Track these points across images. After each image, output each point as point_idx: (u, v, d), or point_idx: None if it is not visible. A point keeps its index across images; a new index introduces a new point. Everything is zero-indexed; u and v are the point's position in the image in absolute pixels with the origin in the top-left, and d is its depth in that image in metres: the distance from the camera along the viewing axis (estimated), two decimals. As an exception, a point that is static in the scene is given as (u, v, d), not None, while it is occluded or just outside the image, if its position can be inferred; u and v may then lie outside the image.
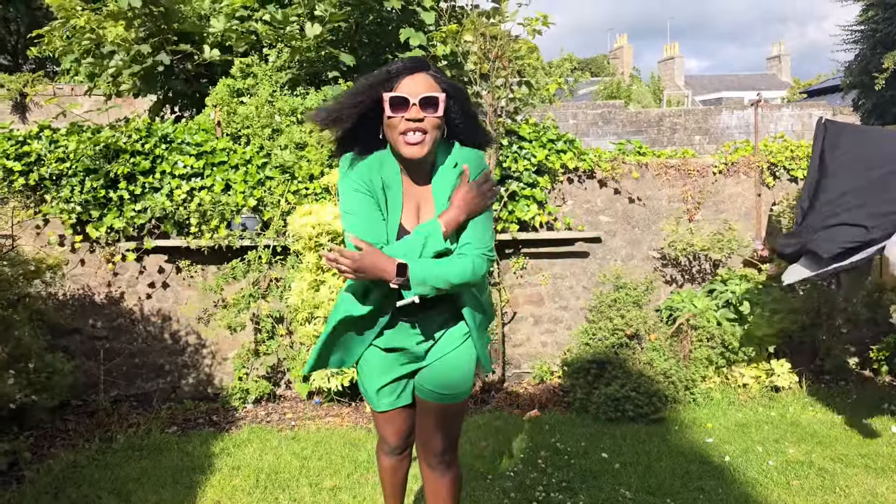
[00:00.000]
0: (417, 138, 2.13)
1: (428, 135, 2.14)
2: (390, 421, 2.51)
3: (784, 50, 42.03)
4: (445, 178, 2.25)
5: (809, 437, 4.29)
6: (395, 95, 2.11)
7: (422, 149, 2.14)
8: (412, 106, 2.10)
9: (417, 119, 2.11)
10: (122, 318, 5.23)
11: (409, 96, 2.10)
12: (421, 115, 2.11)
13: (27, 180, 4.96)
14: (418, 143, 2.13)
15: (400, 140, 2.14)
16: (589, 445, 4.18)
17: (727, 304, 5.14)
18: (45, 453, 4.16)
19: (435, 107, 2.12)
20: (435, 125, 2.14)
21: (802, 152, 5.72)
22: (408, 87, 2.12)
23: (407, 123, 2.11)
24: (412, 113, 2.10)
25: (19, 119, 11.08)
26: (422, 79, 2.14)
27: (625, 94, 25.72)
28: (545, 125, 5.63)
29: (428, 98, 2.11)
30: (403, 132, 2.13)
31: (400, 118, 2.12)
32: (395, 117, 2.12)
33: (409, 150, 2.14)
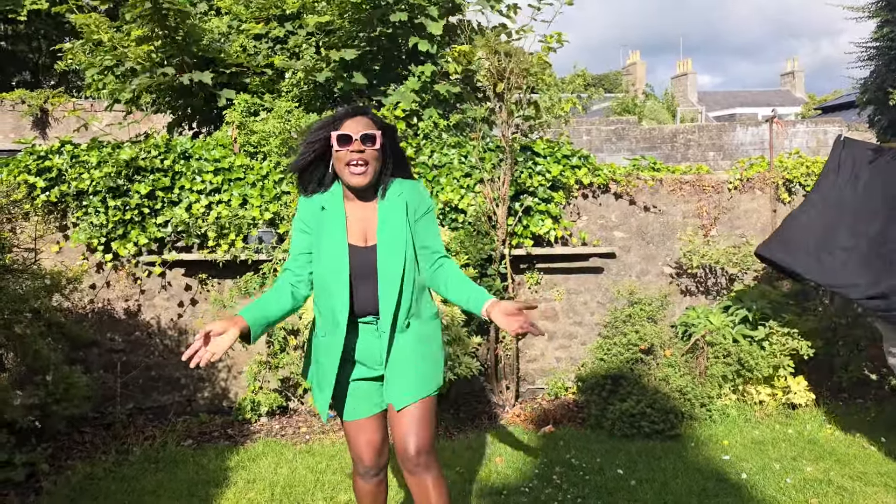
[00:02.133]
0: (360, 169, 2.53)
1: (369, 165, 2.54)
2: (363, 430, 2.68)
3: (798, 66, 41.90)
4: (391, 203, 2.61)
5: (827, 455, 4.25)
6: (341, 133, 2.52)
7: (364, 177, 2.54)
8: (354, 141, 2.50)
9: (359, 150, 2.50)
10: (139, 332, 5.28)
11: (352, 133, 2.51)
12: (362, 147, 2.50)
13: (49, 196, 5.03)
14: (361, 173, 2.53)
15: (346, 170, 2.54)
16: (604, 461, 4.17)
17: (744, 321, 5.12)
18: (62, 465, 4.19)
19: (373, 141, 2.53)
20: (374, 156, 2.55)
21: (818, 168, 5.71)
22: (350, 126, 2.53)
23: (351, 155, 2.51)
24: (355, 146, 2.50)
25: (40, 135, 11.24)
26: (362, 120, 2.55)
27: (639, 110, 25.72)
28: (559, 141, 5.65)
29: (367, 135, 2.52)
30: (348, 163, 2.52)
31: (346, 151, 2.52)
32: (341, 150, 2.52)
33: (354, 178, 2.53)
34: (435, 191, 5.28)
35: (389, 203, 2.63)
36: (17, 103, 11.32)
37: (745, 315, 5.10)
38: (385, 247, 2.57)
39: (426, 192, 2.73)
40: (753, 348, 4.95)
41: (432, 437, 2.62)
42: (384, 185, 2.65)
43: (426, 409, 2.60)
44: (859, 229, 4.20)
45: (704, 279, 5.72)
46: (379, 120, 2.62)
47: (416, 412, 2.58)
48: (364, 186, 2.56)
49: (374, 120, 2.59)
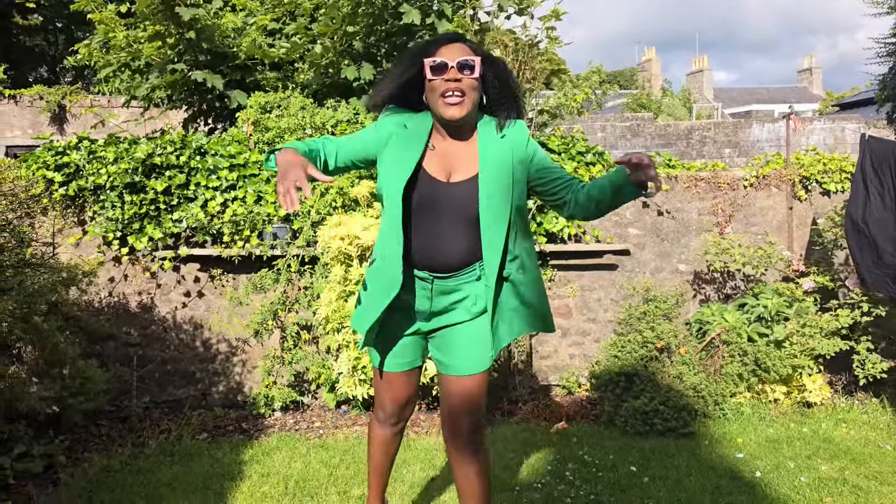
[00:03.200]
0: (456, 99, 2.28)
1: (466, 96, 2.29)
2: (390, 384, 2.59)
3: (815, 62, 41.54)
4: (491, 141, 2.38)
5: (843, 454, 4.22)
6: (435, 60, 2.29)
7: (461, 109, 2.29)
8: (450, 68, 2.27)
9: (455, 79, 2.27)
10: (154, 326, 5.33)
11: (447, 60, 2.28)
12: (459, 76, 2.27)
13: (67, 191, 5.08)
14: (458, 104, 2.29)
15: (440, 102, 2.30)
16: (617, 458, 4.16)
17: (759, 319, 5.09)
18: (79, 457, 4.24)
19: (471, 69, 2.28)
20: (472, 86, 2.30)
21: (835, 165, 5.66)
22: (446, 53, 2.30)
23: (446, 84, 2.28)
24: (451, 74, 2.27)
25: (58, 130, 11.35)
26: (458, 47, 2.32)
27: (655, 105, 25.59)
28: (574, 137, 5.64)
29: (464, 62, 2.27)
30: (443, 93, 2.29)
31: (440, 80, 2.29)
32: (435, 80, 2.29)
33: (449, 110, 2.29)
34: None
35: (490, 140, 2.39)
36: (35, 99, 11.44)
37: (760, 313, 5.07)
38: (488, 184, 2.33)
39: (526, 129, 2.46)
40: (771, 349, 4.91)
41: (482, 417, 2.48)
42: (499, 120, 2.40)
43: (477, 384, 2.44)
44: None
45: (721, 280, 5.69)
46: (477, 47, 2.39)
47: (464, 385, 2.43)
48: (460, 120, 2.33)
49: (471, 46, 2.36)
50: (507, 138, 2.39)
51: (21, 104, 11.48)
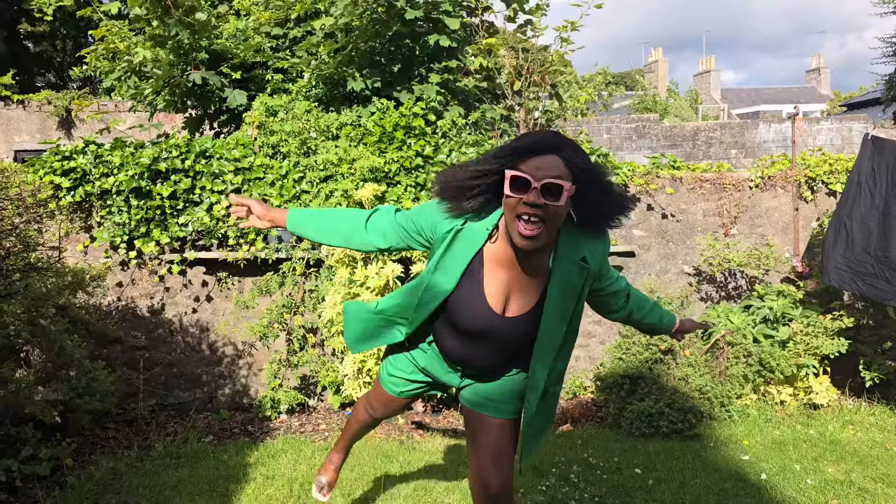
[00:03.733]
0: (532, 230, 1.94)
1: (546, 225, 1.95)
2: (388, 400, 2.63)
3: (823, 62, 41.37)
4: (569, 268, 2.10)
5: (849, 456, 4.20)
6: (517, 175, 1.92)
7: (536, 242, 1.97)
8: (532, 189, 1.91)
9: (536, 205, 1.91)
10: (161, 329, 5.35)
11: (531, 179, 1.91)
12: (541, 201, 1.91)
13: (74, 197, 5.11)
14: (532, 235, 1.95)
15: (514, 224, 1.96)
16: (622, 461, 4.15)
17: (764, 321, 5.07)
18: (86, 460, 4.26)
19: (557, 196, 1.91)
20: (555, 214, 1.94)
21: (841, 166, 5.64)
22: (533, 167, 1.92)
23: (525, 207, 1.93)
24: (532, 197, 1.91)
25: (65, 135, 11.42)
26: (551, 162, 1.92)
27: (661, 107, 25.55)
28: (578, 139, 5.64)
29: (551, 185, 1.90)
30: (519, 216, 1.95)
31: (518, 200, 1.93)
32: (513, 198, 1.94)
33: (522, 241, 1.96)
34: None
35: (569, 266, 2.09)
36: (42, 104, 11.51)
37: (766, 314, 5.06)
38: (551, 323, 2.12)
39: (609, 245, 2.22)
40: (775, 349, 4.90)
41: (511, 474, 2.32)
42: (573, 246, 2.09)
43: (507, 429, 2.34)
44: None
45: (725, 282, 5.67)
46: (577, 161, 1.94)
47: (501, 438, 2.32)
48: (532, 250, 2.01)
49: (568, 161, 1.93)
50: (585, 261, 2.10)
51: (29, 109, 11.56)
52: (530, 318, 2.14)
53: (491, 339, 2.18)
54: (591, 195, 1.99)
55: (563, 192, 1.90)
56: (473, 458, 2.36)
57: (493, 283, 2.12)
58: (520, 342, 2.19)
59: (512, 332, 2.15)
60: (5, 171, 4.17)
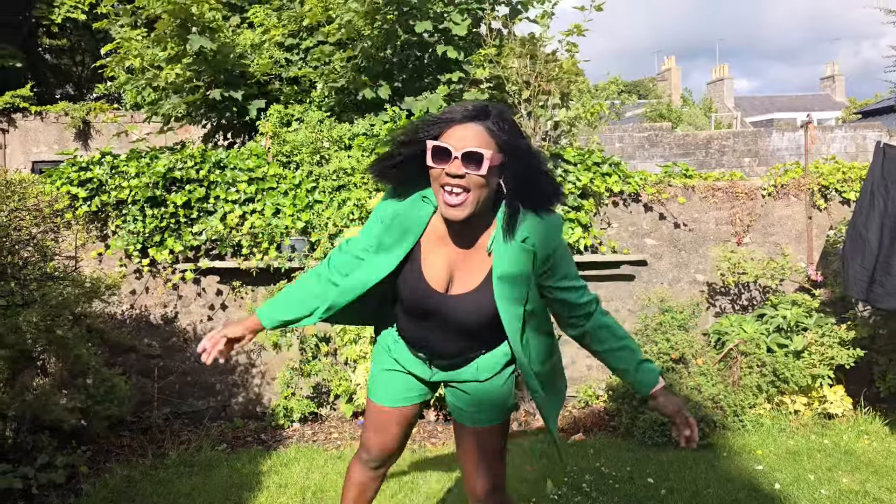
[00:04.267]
0: (457, 199, 1.91)
1: (470, 194, 1.91)
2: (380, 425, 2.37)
3: (838, 70, 41.13)
4: (512, 249, 2.01)
5: (864, 466, 4.17)
6: (438, 145, 1.90)
7: (461, 211, 1.92)
8: (454, 159, 1.88)
9: (457, 175, 1.89)
10: (175, 338, 5.40)
11: (452, 148, 1.89)
12: (462, 170, 1.88)
13: (90, 206, 5.17)
14: (458, 205, 1.92)
15: (439, 195, 1.95)
16: (634, 470, 4.14)
17: (778, 330, 5.05)
18: (101, 468, 4.30)
19: (478, 164, 1.87)
20: (478, 184, 1.90)
21: (855, 174, 5.62)
22: (455, 137, 1.90)
23: (447, 178, 1.90)
24: (453, 167, 1.89)
25: (82, 146, 11.57)
26: (473, 131, 1.90)
27: (675, 115, 25.49)
28: (590, 148, 5.65)
29: (471, 153, 1.87)
30: (443, 186, 1.93)
31: (440, 170, 1.91)
32: (435, 168, 1.92)
33: (448, 211, 1.93)
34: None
35: (507, 251, 2.01)
36: (60, 115, 11.66)
37: (779, 324, 5.03)
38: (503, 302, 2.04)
39: (561, 235, 2.09)
40: (789, 359, 4.87)
41: (502, 473, 2.31)
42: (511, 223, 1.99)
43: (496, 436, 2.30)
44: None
45: (738, 291, 5.65)
46: (501, 130, 1.93)
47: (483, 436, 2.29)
48: (459, 221, 1.96)
49: (491, 131, 1.91)
50: (529, 240, 2.00)
51: (47, 120, 11.72)
52: (476, 298, 2.07)
53: (439, 319, 2.11)
54: (520, 168, 1.96)
55: (483, 161, 1.86)
56: (461, 463, 2.37)
57: (434, 261, 2.08)
58: (474, 323, 2.10)
59: (460, 310, 2.08)
60: (24, 182, 4.24)
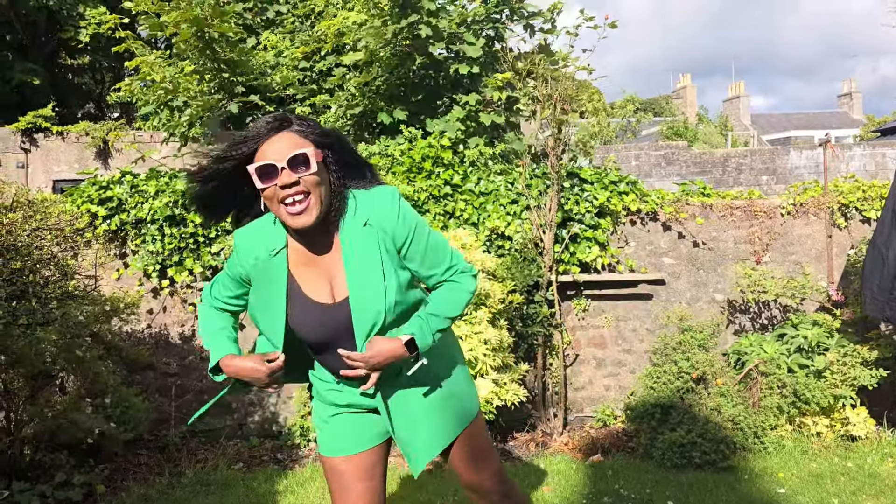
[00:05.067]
0: (300, 206, 1.89)
1: (311, 196, 1.90)
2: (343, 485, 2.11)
3: (855, 87, 40.97)
4: (355, 238, 2.00)
5: (889, 490, 4.09)
6: (261, 165, 1.89)
7: (308, 215, 1.90)
8: (282, 170, 1.88)
9: (292, 183, 1.88)
10: (192, 356, 5.41)
11: (275, 161, 1.88)
12: (293, 177, 1.87)
13: (109, 225, 5.23)
14: (303, 211, 1.90)
15: (283, 211, 1.91)
16: (654, 492, 4.09)
17: (799, 350, 4.98)
18: (118, 486, 4.31)
19: (307, 164, 1.88)
20: (315, 182, 1.90)
21: (875, 192, 5.56)
22: (271, 151, 1.89)
23: (283, 192, 1.88)
24: (283, 178, 1.87)
25: (102, 165, 11.70)
26: (284, 138, 1.92)
27: (690, 133, 25.45)
28: (606, 167, 5.64)
29: (296, 157, 1.88)
30: (282, 201, 1.90)
31: (274, 187, 1.89)
32: (267, 187, 1.90)
33: (295, 220, 1.90)
34: (482, 217, 5.31)
35: (354, 239, 1.99)
36: (81, 135, 11.83)
37: (800, 343, 4.97)
38: (358, 298, 1.98)
39: (399, 204, 2.03)
40: (810, 380, 4.80)
41: (498, 463, 2.25)
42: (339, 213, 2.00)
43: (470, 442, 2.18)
44: None
45: (758, 311, 5.60)
46: (308, 128, 1.97)
47: (462, 451, 2.17)
48: (312, 226, 1.93)
49: (301, 131, 1.95)
50: (370, 223, 1.99)
51: (68, 140, 11.89)
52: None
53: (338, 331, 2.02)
54: (336, 156, 2.00)
55: (309, 159, 1.88)
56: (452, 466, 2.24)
57: (309, 278, 2.03)
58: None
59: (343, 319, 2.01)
60: (45, 202, 4.29)
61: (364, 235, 1.99)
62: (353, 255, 1.99)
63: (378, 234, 1.99)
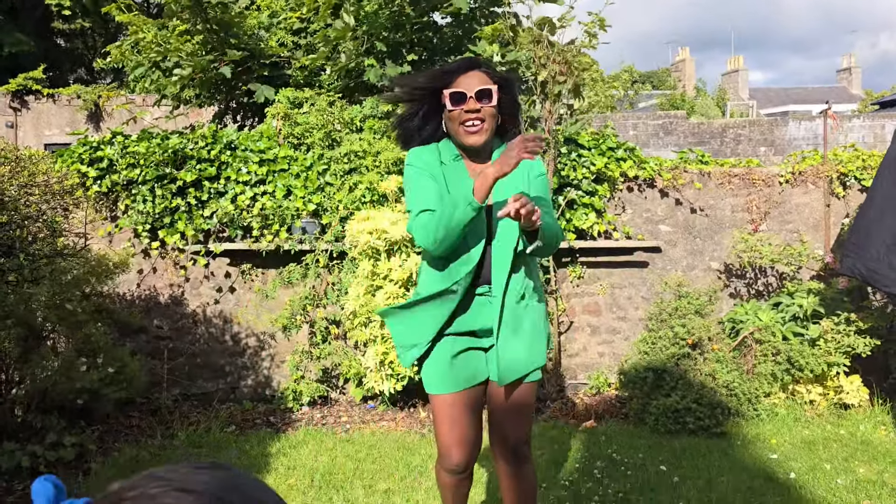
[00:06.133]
0: (477, 127, 2.35)
1: (486, 122, 2.36)
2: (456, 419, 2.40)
3: (854, 62, 40.65)
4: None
5: (882, 457, 4.10)
6: (455, 91, 2.35)
7: (481, 136, 2.37)
8: (469, 99, 2.33)
9: (475, 110, 2.33)
10: (185, 320, 5.38)
11: (466, 91, 2.33)
12: (478, 105, 2.33)
13: (100, 186, 5.15)
14: (478, 131, 2.36)
15: (461, 130, 2.37)
16: (646, 457, 4.09)
17: (794, 318, 4.97)
18: (109, 447, 4.30)
19: (490, 97, 2.35)
20: (491, 114, 2.37)
21: (875, 162, 5.51)
22: (464, 83, 2.35)
23: (466, 115, 2.34)
24: (470, 105, 2.33)
25: (94, 128, 11.57)
26: (476, 75, 2.37)
27: (688, 105, 25.27)
28: (604, 133, 5.57)
29: (483, 91, 2.33)
30: (463, 122, 2.35)
31: (460, 111, 2.35)
32: (455, 110, 2.35)
33: (470, 138, 2.36)
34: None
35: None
36: (72, 98, 11.67)
37: (795, 312, 4.95)
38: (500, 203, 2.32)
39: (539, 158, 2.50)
40: (804, 347, 4.80)
41: (531, 426, 2.50)
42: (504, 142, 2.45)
43: (528, 395, 2.45)
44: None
45: (754, 278, 5.57)
46: (494, 72, 2.43)
47: (518, 397, 2.42)
48: (481, 146, 2.39)
49: (489, 73, 2.39)
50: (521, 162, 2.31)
51: (59, 103, 11.74)
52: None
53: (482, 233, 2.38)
54: (509, 93, 2.45)
55: (493, 95, 2.34)
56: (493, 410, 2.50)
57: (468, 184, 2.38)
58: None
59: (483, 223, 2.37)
60: (33, 158, 4.21)
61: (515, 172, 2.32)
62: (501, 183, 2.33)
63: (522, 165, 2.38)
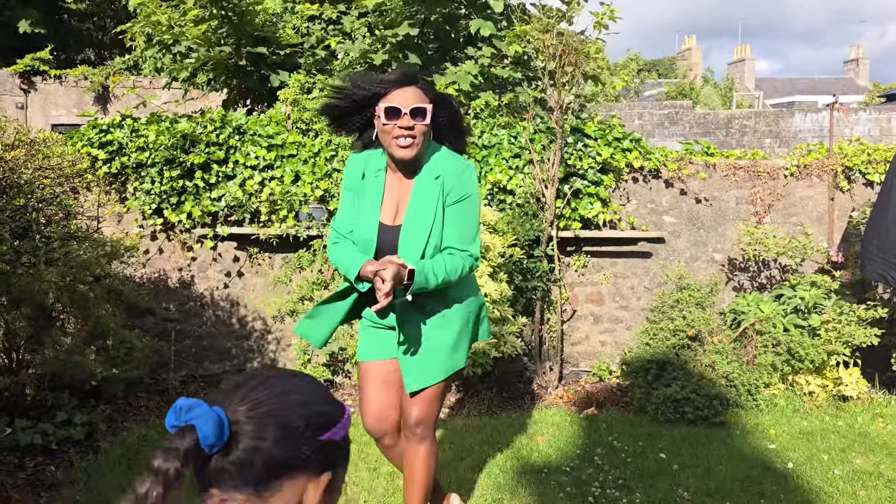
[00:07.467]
0: (408, 143, 2.43)
1: (417, 139, 2.44)
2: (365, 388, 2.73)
3: (862, 53, 40.45)
4: (425, 183, 2.53)
5: (879, 448, 4.16)
6: (389, 106, 2.40)
7: (411, 151, 2.45)
8: (403, 115, 2.39)
9: (408, 127, 2.40)
10: (192, 302, 5.44)
11: (400, 107, 2.39)
12: (411, 123, 2.40)
13: (110, 168, 5.20)
14: (408, 146, 2.43)
15: (393, 143, 2.44)
16: (646, 445, 4.15)
17: (795, 311, 5.02)
18: (118, 426, 4.37)
19: (423, 115, 2.42)
20: (423, 131, 2.45)
21: (880, 156, 5.54)
22: (399, 97, 2.41)
23: (400, 130, 2.41)
24: (404, 121, 2.40)
25: (101, 110, 11.58)
26: (411, 91, 2.44)
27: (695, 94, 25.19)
28: (611, 123, 5.60)
29: (417, 108, 2.41)
30: (396, 137, 2.42)
31: (393, 125, 2.41)
32: (388, 124, 2.42)
33: (400, 151, 2.44)
34: (484, 171, 5.29)
35: (425, 182, 2.53)
36: (79, 79, 11.68)
37: (797, 304, 5.00)
38: (409, 230, 2.51)
39: (469, 173, 2.57)
40: (805, 338, 4.85)
41: (435, 413, 2.69)
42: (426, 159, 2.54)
43: (433, 389, 2.65)
44: None
45: (757, 270, 5.61)
46: (430, 90, 2.50)
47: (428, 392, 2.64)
48: (410, 161, 2.48)
49: (424, 90, 2.47)
50: (440, 178, 2.50)
51: (66, 84, 11.75)
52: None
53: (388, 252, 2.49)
54: (442, 113, 2.53)
55: (427, 113, 2.41)
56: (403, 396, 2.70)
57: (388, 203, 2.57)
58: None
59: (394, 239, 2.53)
60: (47, 142, 4.26)
61: (433, 184, 2.50)
62: (420, 193, 2.52)
63: (442, 187, 2.50)
